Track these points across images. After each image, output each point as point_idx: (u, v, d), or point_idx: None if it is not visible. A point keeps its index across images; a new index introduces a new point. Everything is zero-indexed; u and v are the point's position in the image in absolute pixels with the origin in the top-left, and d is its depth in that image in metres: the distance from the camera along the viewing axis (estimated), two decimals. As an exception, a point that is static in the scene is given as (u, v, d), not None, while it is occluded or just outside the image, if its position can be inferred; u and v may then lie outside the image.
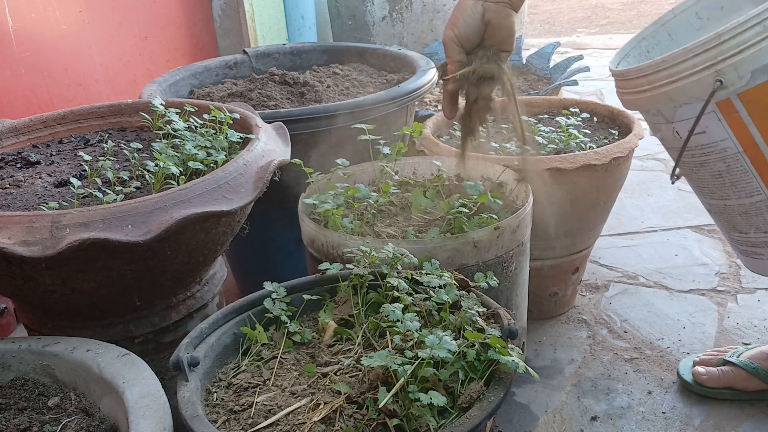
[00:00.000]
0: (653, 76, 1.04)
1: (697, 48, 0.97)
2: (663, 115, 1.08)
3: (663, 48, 1.23)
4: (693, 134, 1.03)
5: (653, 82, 1.04)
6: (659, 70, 1.02)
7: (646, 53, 1.25)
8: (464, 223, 1.06)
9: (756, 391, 1.28)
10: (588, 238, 1.51)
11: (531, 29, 5.27)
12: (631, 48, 1.24)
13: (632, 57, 1.24)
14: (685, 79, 1.00)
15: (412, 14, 2.54)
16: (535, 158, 1.26)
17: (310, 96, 1.50)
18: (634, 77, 1.08)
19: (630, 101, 1.14)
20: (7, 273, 0.87)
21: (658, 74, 1.03)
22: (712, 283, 1.71)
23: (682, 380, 1.34)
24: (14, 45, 1.51)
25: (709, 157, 1.06)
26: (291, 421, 0.72)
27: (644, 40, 1.25)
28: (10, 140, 1.15)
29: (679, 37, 1.23)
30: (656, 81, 1.04)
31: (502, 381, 0.73)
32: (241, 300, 0.90)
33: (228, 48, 2.55)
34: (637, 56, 1.24)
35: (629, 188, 2.25)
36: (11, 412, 0.78)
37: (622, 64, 1.22)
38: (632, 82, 1.09)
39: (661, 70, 1.02)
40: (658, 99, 1.05)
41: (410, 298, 0.83)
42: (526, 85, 2.03)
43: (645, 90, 1.06)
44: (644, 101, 1.09)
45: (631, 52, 1.24)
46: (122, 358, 0.81)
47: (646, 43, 1.25)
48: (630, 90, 1.11)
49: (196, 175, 1.00)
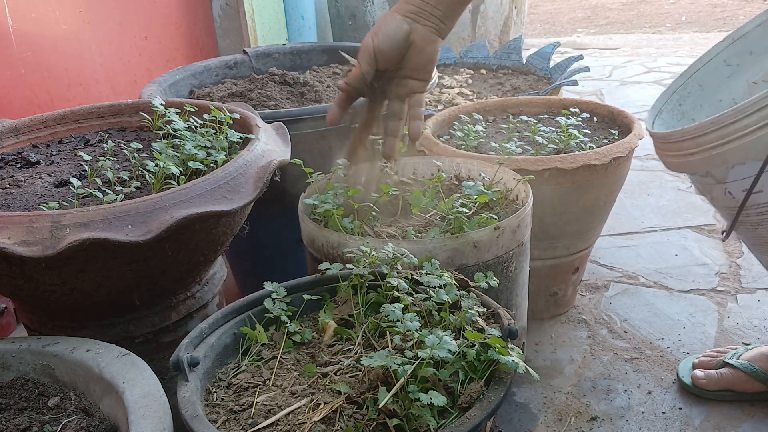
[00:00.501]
0: (701, 138, 0.98)
1: (748, 108, 0.92)
2: (713, 176, 1.03)
3: (695, 99, 1.20)
4: (750, 194, 0.99)
5: (701, 145, 0.99)
6: (708, 132, 0.97)
7: (678, 107, 1.21)
8: (464, 223, 1.06)
9: (756, 392, 1.29)
10: (588, 238, 1.51)
11: (531, 29, 5.27)
12: (663, 104, 1.21)
13: (666, 113, 1.20)
14: (738, 140, 0.94)
15: (412, 14, 2.53)
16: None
17: (310, 96, 1.50)
18: (679, 140, 1.02)
19: (675, 164, 1.09)
20: (7, 273, 0.87)
21: (707, 136, 0.97)
22: (712, 283, 1.71)
23: (681, 383, 1.35)
24: (14, 45, 1.52)
25: (767, 216, 1.01)
26: (291, 421, 0.72)
27: (675, 94, 1.21)
28: (10, 140, 1.15)
29: (710, 87, 1.20)
30: (705, 143, 0.98)
31: (502, 381, 0.73)
32: (241, 300, 0.90)
33: (228, 48, 2.55)
34: (671, 111, 1.20)
35: (629, 188, 2.25)
36: (11, 412, 0.78)
37: (657, 122, 1.18)
38: (676, 145, 1.03)
39: (710, 132, 0.97)
40: (708, 161, 1.00)
41: (410, 298, 0.83)
42: (526, 85, 2.03)
43: (693, 153, 1.01)
44: (692, 164, 1.03)
45: (663, 108, 1.20)
46: (122, 358, 0.81)
47: (677, 97, 1.21)
48: (674, 153, 1.06)
49: (196, 175, 1.00)
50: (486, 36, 2.63)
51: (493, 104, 1.71)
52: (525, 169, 1.29)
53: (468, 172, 1.28)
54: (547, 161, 1.31)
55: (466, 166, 1.28)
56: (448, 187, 1.24)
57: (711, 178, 1.04)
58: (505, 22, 2.67)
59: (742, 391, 1.29)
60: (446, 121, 1.60)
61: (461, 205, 1.08)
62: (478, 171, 1.26)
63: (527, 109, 1.70)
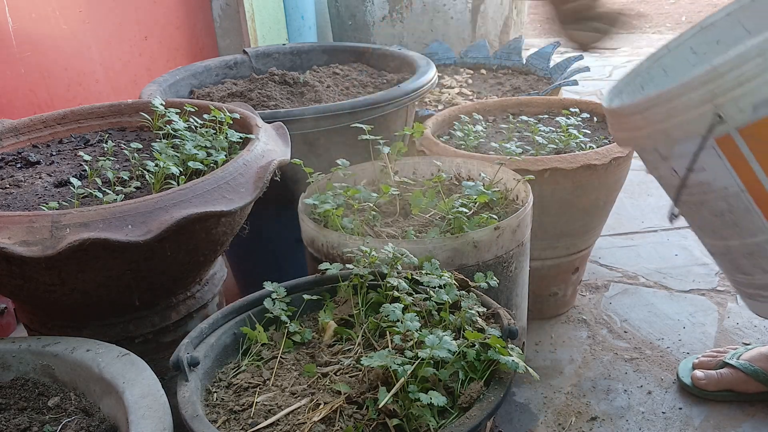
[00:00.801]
0: (648, 112, 0.97)
1: (694, 82, 0.91)
2: (659, 153, 1.03)
3: (658, 84, 1.18)
4: (691, 172, 0.98)
5: (648, 119, 0.98)
6: (655, 106, 0.96)
7: (640, 89, 1.19)
8: (464, 223, 1.06)
9: (756, 393, 1.28)
10: (588, 238, 1.51)
11: (531, 29, 5.27)
12: (624, 85, 1.19)
13: (626, 94, 1.18)
14: (682, 115, 0.93)
15: (412, 14, 2.54)
16: None
17: (310, 96, 1.50)
18: (629, 114, 1.01)
19: (624, 139, 1.09)
20: (7, 273, 0.87)
21: (654, 110, 0.96)
22: (712, 283, 1.71)
23: (681, 383, 1.34)
24: (14, 45, 1.52)
25: (709, 196, 1.00)
26: (291, 421, 0.72)
27: (638, 77, 1.19)
28: (10, 140, 1.15)
29: (674, 73, 1.18)
30: (652, 117, 0.97)
31: (502, 381, 0.73)
32: (241, 300, 0.90)
33: (228, 48, 2.55)
34: (631, 93, 1.19)
35: (629, 188, 2.25)
36: (11, 412, 0.78)
37: (615, 101, 1.16)
38: (627, 119, 1.03)
39: (656, 106, 0.96)
40: (654, 136, 1.00)
41: (410, 298, 0.83)
42: (526, 85, 2.03)
43: (641, 127, 1.00)
44: (640, 139, 1.03)
45: (624, 89, 1.19)
46: (122, 358, 0.81)
47: (640, 80, 1.19)
48: (624, 128, 1.05)
49: (196, 175, 1.00)
50: (486, 36, 2.63)
51: (493, 104, 1.71)
52: (525, 169, 1.29)
53: (468, 172, 1.28)
54: (547, 161, 1.31)
55: (466, 166, 1.28)
56: (448, 187, 1.24)
57: (658, 154, 1.03)
58: (505, 22, 2.67)
59: (742, 392, 1.29)
60: (446, 121, 1.60)
61: (461, 205, 1.08)
62: (478, 171, 1.26)
63: (527, 109, 1.70)
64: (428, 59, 1.62)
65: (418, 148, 1.42)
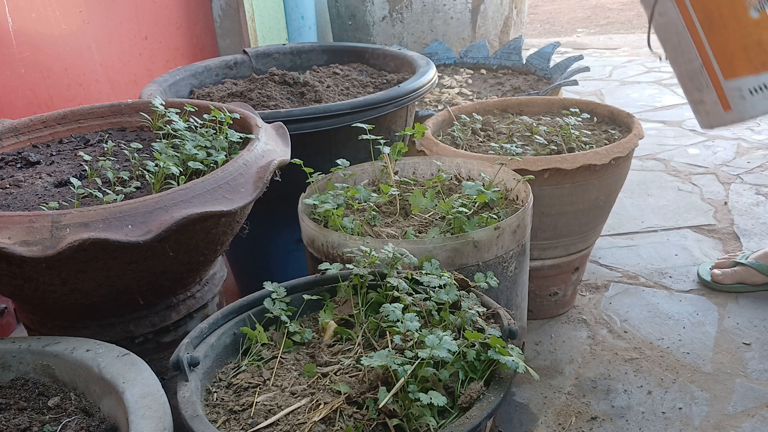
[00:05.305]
0: None
1: None
2: (644, 4, 1.31)
3: None
4: (658, 15, 1.28)
5: None
6: None
7: None
8: (464, 223, 1.06)
9: (763, 284, 1.63)
10: (588, 238, 1.51)
11: (531, 29, 5.27)
12: None
13: None
14: None
15: (412, 14, 2.54)
16: None
17: (310, 96, 1.50)
18: None
19: None
20: (7, 273, 0.87)
21: None
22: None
23: (702, 280, 1.68)
24: (14, 45, 1.52)
25: (669, 33, 1.29)
26: (291, 421, 0.72)
27: None
28: (10, 140, 1.15)
29: None
30: None
31: (502, 381, 0.73)
32: (241, 300, 0.90)
33: (228, 48, 2.55)
34: None
35: (629, 188, 2.25)
36: (11, 412, 0.78)
37: None
38: None
39: None
40: None
41: (410, 298, 0.83)
42: (526, 85, 2.03)
43: None
44: None
45: None
46: (122, 358, 0.81)
47: None
48: None
49: (196, 175, 1.00)
50: (486, 36, 2.63)
51: (493, 104, 1.71)
52: (525, 169, 1.29)
53: (468, 172, 1.28)
54: (547, 161, 1.31)
55: (466, 166, 1.28)
56: (448, 187, 1.24)
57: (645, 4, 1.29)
58: (505, 22, 2.68)
59: (751, 283, 1.64)
60: (446, 121, 1.60)
61: (461, 205, 1.08)
62: (478, 171, 1.26)
63: (527, 109, 1.70)
64: (428, 59, 1.62)
65: (418, 148, 1.42)
